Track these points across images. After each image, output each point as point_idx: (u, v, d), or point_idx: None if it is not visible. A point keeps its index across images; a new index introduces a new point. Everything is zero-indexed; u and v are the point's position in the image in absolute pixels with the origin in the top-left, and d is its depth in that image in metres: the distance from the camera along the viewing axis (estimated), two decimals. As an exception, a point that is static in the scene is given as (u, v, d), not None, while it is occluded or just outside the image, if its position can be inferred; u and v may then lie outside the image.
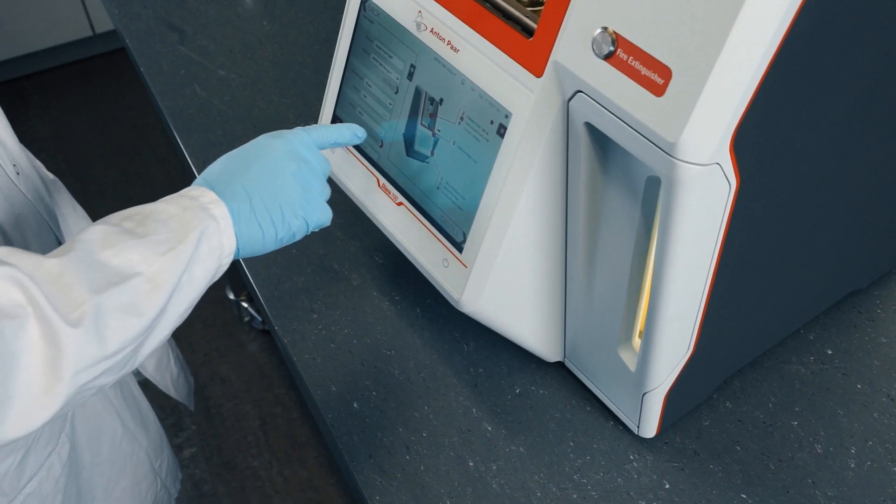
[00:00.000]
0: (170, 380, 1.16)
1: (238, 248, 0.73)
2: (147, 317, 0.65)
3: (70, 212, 1.04)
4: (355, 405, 0.91)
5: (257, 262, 1.05)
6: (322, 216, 0.77)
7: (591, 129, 0.71)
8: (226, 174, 0.76)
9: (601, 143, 0.72)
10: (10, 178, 0.86)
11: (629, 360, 0.82)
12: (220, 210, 0.71)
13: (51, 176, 1.03)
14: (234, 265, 1.10)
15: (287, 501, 1.83)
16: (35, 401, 0.61)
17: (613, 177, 0.74)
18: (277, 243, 0.75)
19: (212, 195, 0.72)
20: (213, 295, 2.18)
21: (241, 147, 0.80)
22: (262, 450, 1.92)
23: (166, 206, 0.70)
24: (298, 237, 0.76)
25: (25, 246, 0.84)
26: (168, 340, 1.17)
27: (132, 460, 1.03)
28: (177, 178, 2.54)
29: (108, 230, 0.66)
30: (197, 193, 0.72)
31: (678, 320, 0.75)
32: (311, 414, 1.83)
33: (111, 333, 0.63)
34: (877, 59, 0.72)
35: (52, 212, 0.95)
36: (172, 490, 1.16)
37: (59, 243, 0.93)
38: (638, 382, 0.81)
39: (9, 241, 0.82)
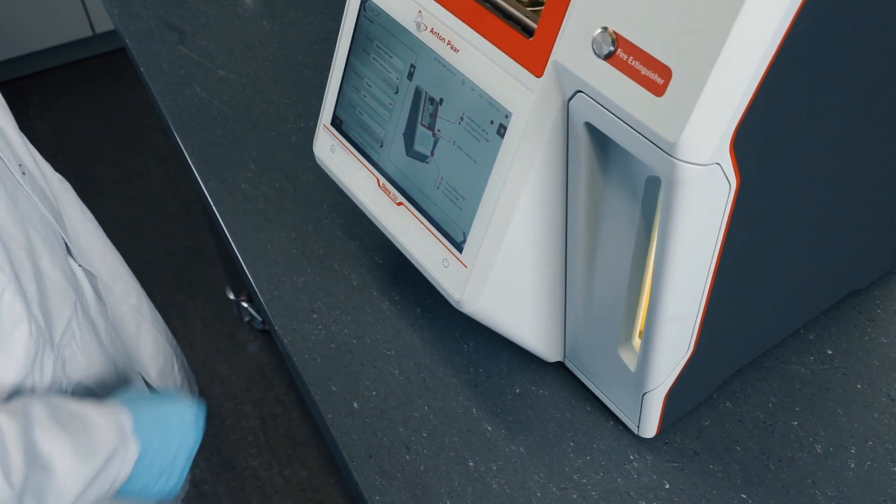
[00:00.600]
0: (173, 387, 1.16)
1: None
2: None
3: (77, 213, 1.04)
4: (355, 405, 0.91)
5: (257, 261, 1.06)
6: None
7: (591, 129, 0.71)
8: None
9: (601, 143, 0.72)
10: (15, 178, 0.86)
11: (629, 360, 0.82)
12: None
13: (57, 176, 1.03)
14: (235, 265, 1.10)
15: (287, 501, 1.83)
16: None
17: (613, 177, 0.74)
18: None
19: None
20: (213, 295, 2.18)
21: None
22: (262, 450, 1.92)
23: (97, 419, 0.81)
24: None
25: (30, 246, 0.84)
26: (172, 346, 1.16)
27: None
28: (177, 178, 2.54)
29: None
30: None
31: (678, 320, 0.75)
32: (311, 414, 1.83)
33: None
34: (877, 59, 0.72)
35: (58, 212, 0.95)
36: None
37: (66, 244, 0.93)
38: (638, 382, 0.81)
39: (12, 242, 0.82)
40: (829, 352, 0.93)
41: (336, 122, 0.95)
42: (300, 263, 1.05)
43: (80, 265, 0.94)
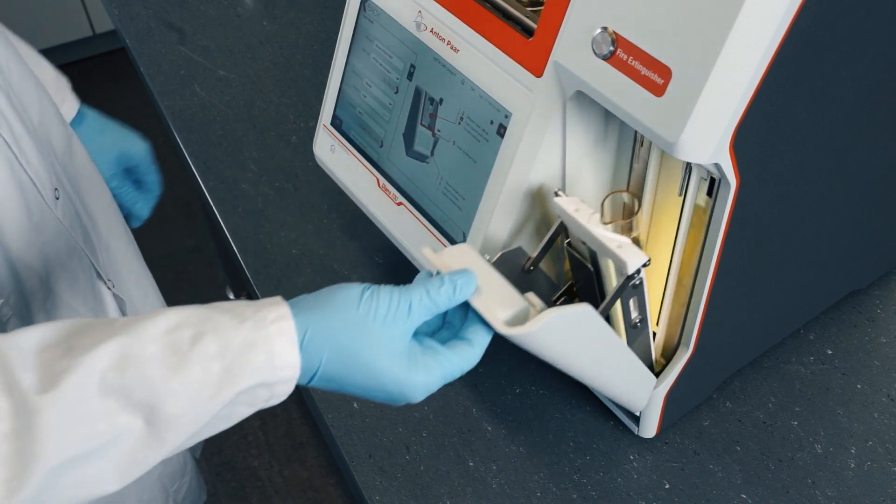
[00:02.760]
0: None
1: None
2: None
3: (119, 234, 1.00)
4: (355, 405, 0.91)
5: (257, 261, 1.06)
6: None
7: (591, 129, 0.71)
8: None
9: (601, 143, 0.72)
10: (45, 204, 0.81)
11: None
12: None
13: (107, 198, 0.99)
14: (234, 265, 1.10)
15: (287, 501, 1.83)
16: None
17: (613, 177, 0.74)
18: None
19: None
20: (213, 295, 2.18)
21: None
22: (262, 450, 1.92)
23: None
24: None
25: (47, 274, 0.81)
26: None
27: (137, 485, 0.98)
28: (177, 178, 2.54)
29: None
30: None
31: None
32: (311, 414, 1.82)
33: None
34: (877, 60, 0.72)
35: (90, 235, 0.91)
36: None
37: (99, 276, 0.89)
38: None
39: (26, 271, 0.78)
40: (829, 352, 0.93)
41: (336, 122, 0.95)
42: (300, 263, 1.05)
43: (109, 289, 0.92)
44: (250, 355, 0.57)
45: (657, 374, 0.80)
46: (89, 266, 0.88)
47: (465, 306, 0.66)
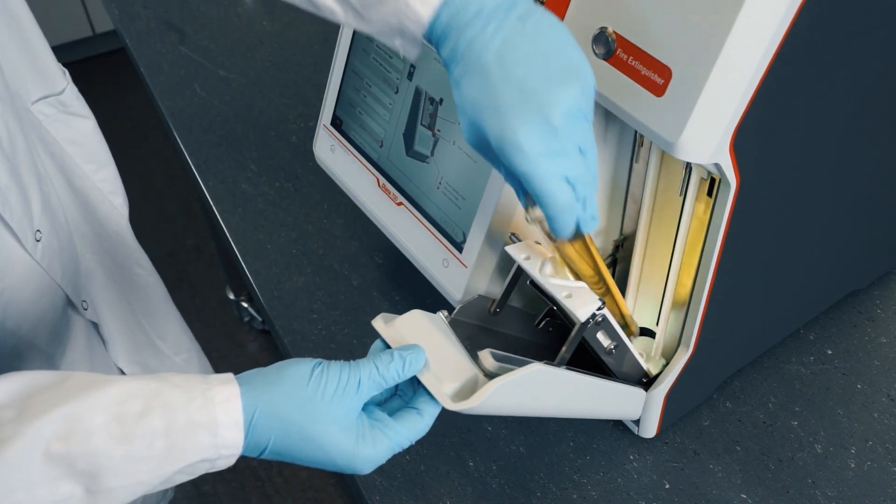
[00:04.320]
0: None
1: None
2: None
3: (111, 296, 0.97)
4: (355, 405, 0.91)
5: (257, 262, 1.06)
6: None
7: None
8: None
9: (601, 143, 0.72)
10: (23, 249, 0.77)
11: None
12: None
13: (124, 226, 0.98)
14: (235, 265, 1.10)
15: (287, 501, 1.83)
16: None
17: (613, 177, 0.74)
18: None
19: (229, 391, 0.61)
20: (213, 295, 2.18)
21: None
22: (262, 450, 1.92)
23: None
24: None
25: (32, 347, 0.80)
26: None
27: None
28: (177, 178, 2.54)
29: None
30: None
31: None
32: (311, 414, 1.82)
33: None
34: (876, 60, 0.72)
35: (76, 274, 0.88)
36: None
37: (94, 335, 0.89)
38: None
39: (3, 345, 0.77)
40: (829, 352, 0.93)
41: (336, 122, 0.95)
42: (300, 263, 1.05)
43: (82, 313, 0.90)
44: (195, 435, 0.59)
45: (657, 375, 0.80)
46: (62, 297, 0.86)
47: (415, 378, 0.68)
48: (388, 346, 0.69)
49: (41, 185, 0.82)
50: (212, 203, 1.13)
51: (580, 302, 0.69)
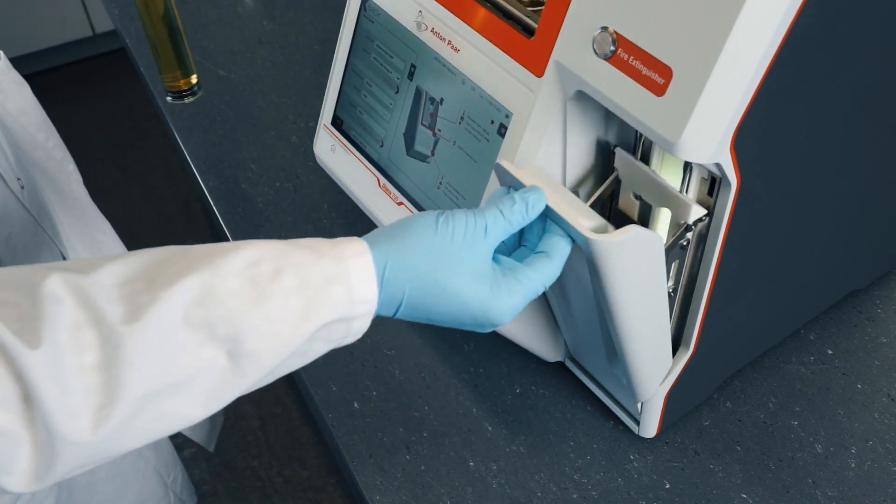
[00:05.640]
0: None
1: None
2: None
3: (91, 230, 1.00)
4: (355, 405, 0.91)
5: (257, 261, 1.05)
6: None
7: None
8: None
9: (601, 142, 0.72)
10: (11, 193, 0.82)
11: (620, 373, 0.82)
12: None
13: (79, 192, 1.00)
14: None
15: (287, 501, 1.83)
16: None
17: (614, 176, 0.74)
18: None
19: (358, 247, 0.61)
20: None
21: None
22: (262, 450, 1.92)
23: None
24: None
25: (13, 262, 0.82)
26: None
27: (136, 476, 0.99)
28: (177, 178, 2.54)
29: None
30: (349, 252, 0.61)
31: (653, 339, 0.75)
32: (311, 414, 1.83)
33: None
34: (877, 59, 0.72)
35: (56, 228, 0.92)
36: (190, 503, 1.14)
37: (63, 258, 0.90)
38: (632, 393, 0.81)
39: None
40: (829, 352, 0.93)
41: (336, 122, 0.95)
42: (300, 263, 1.05)
43: None
44: (330, 289, 0.57)
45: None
46: (57, 255, 0.89)
47: (540, 223, 0.65)
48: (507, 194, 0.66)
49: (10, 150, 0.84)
50: (212, 203, 1.13)
51: (691, 200, 0.68)
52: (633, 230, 0.62)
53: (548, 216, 0.65)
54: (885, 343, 0.93)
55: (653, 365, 0.77)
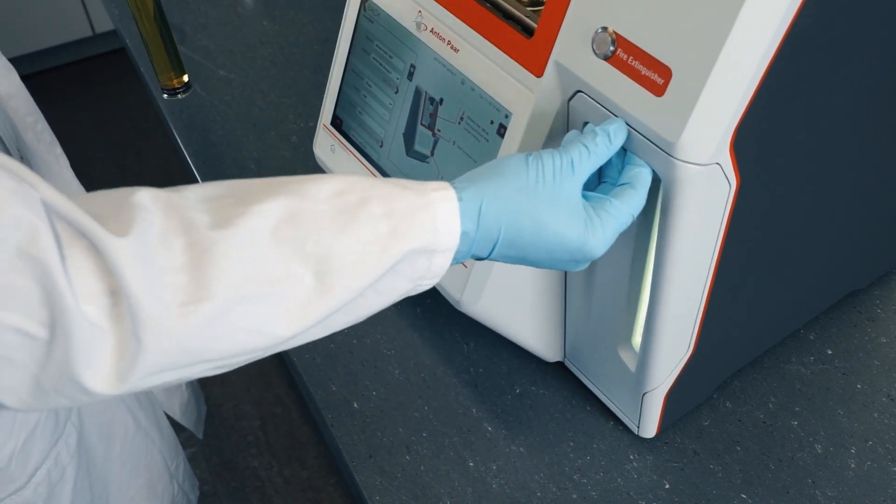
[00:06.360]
0: (178, 404, 1.15)
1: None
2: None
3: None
4: (355, 405, 0.91)
5: (257, 262, 1.05)
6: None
7: (592, 128, 0.71)
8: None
9: (601, 142, 0.72)
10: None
11: (629, 360, 0.82)
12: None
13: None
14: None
15: (287, 501, 1.83)
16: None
17: (613, 177, 0.74)
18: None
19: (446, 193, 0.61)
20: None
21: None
22: (262, 450, 1.92)
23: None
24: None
25: None
26: None
27: (146, 459, 1.01)
28: (177, 179, 2.54)
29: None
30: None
31: (678, 320, 0.75)
32: (311, 414, 1.82)
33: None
34: (877, 59, 0.72)
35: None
36: (192, 496, 1.15)
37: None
38: (638, 382, 0.81)
39: None
40: (829, 352, 0.93)
41: (336, 122, 0.95)
42: (300, 263, 1.05)
43: None
44: (414, 217, 0.58)
45: None
46: None
47: (619, 158, 0.67)
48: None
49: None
50: (212, 203, 1.13)
51: None
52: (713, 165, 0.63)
53: (626, 149, 0.66)
54: (885, 343, 0.93)
55: (671, 345, 0.76)
